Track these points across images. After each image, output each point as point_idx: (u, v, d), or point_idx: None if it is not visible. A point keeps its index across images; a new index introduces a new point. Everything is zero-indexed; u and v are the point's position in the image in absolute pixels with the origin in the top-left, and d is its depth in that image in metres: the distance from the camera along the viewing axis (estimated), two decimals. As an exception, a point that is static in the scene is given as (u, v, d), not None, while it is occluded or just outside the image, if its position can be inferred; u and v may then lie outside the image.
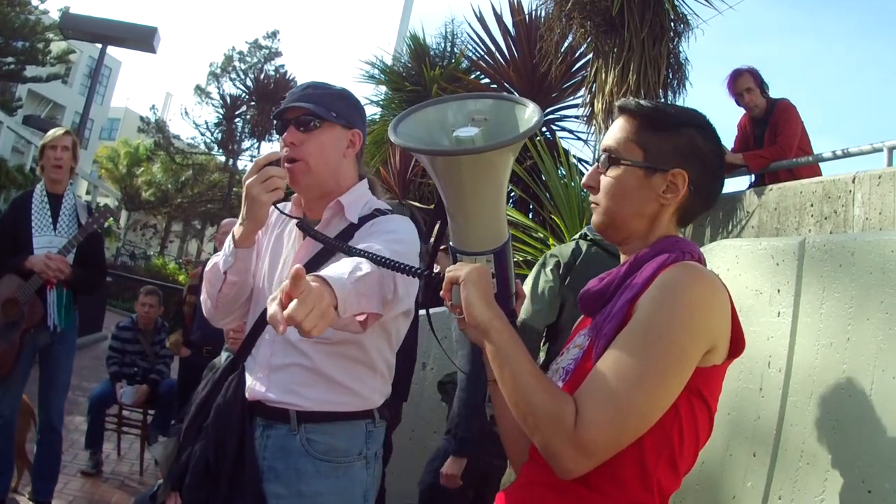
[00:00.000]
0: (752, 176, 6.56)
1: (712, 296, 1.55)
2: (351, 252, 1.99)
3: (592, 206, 1.80)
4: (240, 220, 2.27)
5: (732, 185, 6.56)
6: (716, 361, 1.58)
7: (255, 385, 2.28)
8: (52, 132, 5.01)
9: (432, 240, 1.96)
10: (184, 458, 2.39)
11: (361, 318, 1.88)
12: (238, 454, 2.25)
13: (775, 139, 6.24)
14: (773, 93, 6.50)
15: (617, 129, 1.77)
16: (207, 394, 2.42)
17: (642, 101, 1.78)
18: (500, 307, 1.70)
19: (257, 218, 2.23)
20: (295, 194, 2.45)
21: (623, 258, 1.79)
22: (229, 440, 2.27)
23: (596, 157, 1.85)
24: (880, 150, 5.84)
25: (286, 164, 2.29)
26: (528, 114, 1.68)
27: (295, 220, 2.28)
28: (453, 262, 1.76)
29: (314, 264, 2.21)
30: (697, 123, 1.75)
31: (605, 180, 1.75)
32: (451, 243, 1.78)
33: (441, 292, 1.76)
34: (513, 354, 1.57)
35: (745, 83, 6.40)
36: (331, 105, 2.35)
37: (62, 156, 4.85)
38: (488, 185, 1.65)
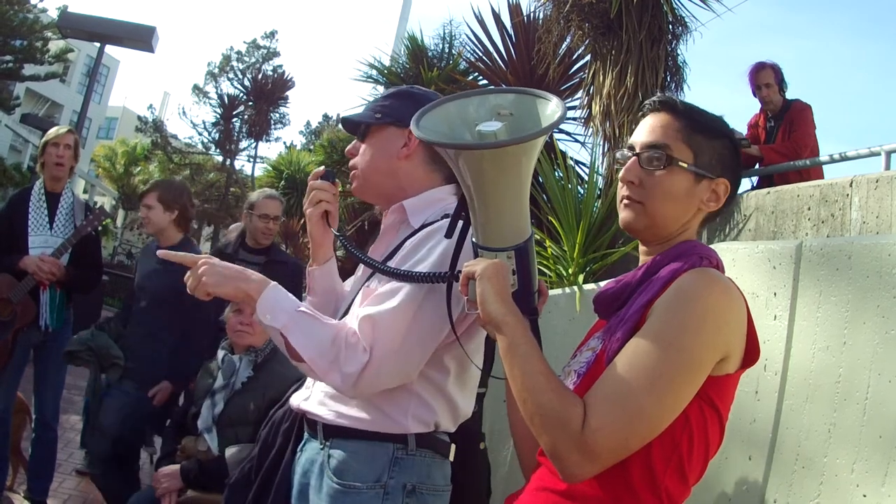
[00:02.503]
0: (756, 179, 6.62)
1: (728, 303, 1.54)
2: (374, 268, 2.01)
3: (625, 202, 1.75)
4: None
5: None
6: (729, 370, 1.57)
7: (299, 395, 2.22)
8: (54, 130, 5.04)
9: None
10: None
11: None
12: (274, 465, 2.23)
13: (790, 137, 6.31)
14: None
15: (664, 126, 1.73)
16: (282, 402, 2.42)
17: (682, 100, 1.77)
18: (521, 304, 1.70)
19: (311, 234, 2.23)
20: None
21: (642, 259, 1.78)
22: (269, 450, 2.26)
23: (625, 151, 1.78)
24: (878, 153, 5.85)
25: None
26: (551, 109, 1.67)
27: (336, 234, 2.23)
28: (475, 258, 1.76)
29: (366, 275, 2.18)
30: (731, 134, 1.76)
31: (655, 180, 1.70)
32: (473, 239, 1.78)
33: (458, 287, 1.76)
34: (524, 352, 1.56)
35: (765, 77, 6.54)
36: (377, 107, 2.25)
37: (64, 154, 4.90)
38: (510, 180, 1.65)
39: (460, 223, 1.89)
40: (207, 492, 3.54)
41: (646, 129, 1.75)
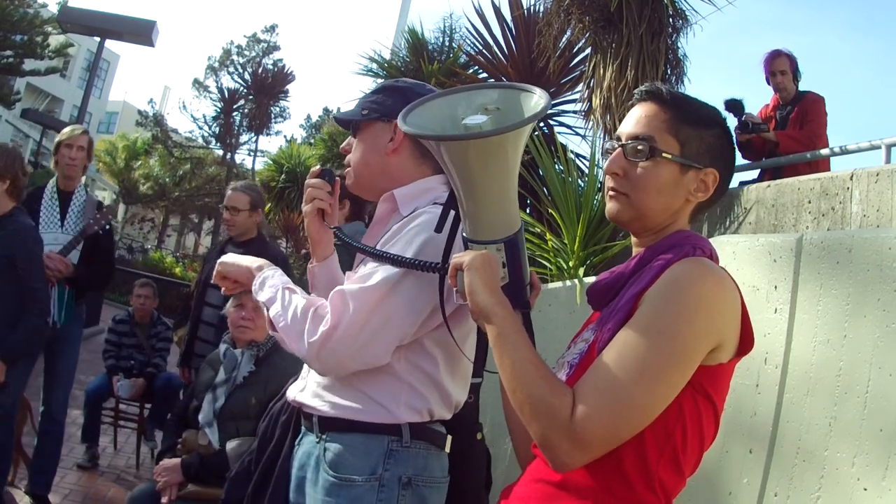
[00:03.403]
0: (759, 172, 6.64)
1: (720, 292, 1.53)
2: (366, 252, 2.04)
3: (610, 193, 1.74)
4: None
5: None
6: (722, 360, 1.56)
7: (295, 386, 2.23)
8: (69, 130, 5.11)
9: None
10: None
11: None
12: (273, 458, 2.24)
13: (803, 127, 6.35)
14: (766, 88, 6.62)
15: (650, 117, 1.71)
16: (281, 395, 2.42)
17: (670, 89, 1.74)
18: (513, 297, 1.71)
19: (308, 231, 2.27)
20: None
21: (635, 250, 1.77)
22: (268, 443, 2.27)
23: (612, 142, 1.76)
24: (878, 147, 5.86)
25: None
26: (535, 101, 1.68)
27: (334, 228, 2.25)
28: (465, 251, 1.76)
29: (358, 262, 2.21)
30: (723, 123, 1.74)
31: (639, 171, 1.69)
32: (463, 233, 1.79)
33: (448, 279, 1.77)
34: (513, 342, 1.56)
35: (781, 65, 6.58)
36: (364, 104, 2.26)
37: (77, 156, 5.01)
38: (496, 171, 1.65)
39: (451, 217, 1.90)
40: (208, 486, 3.55)
41: (632, 120, 1.74)
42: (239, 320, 3.83)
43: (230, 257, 2.33)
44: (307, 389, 2.14)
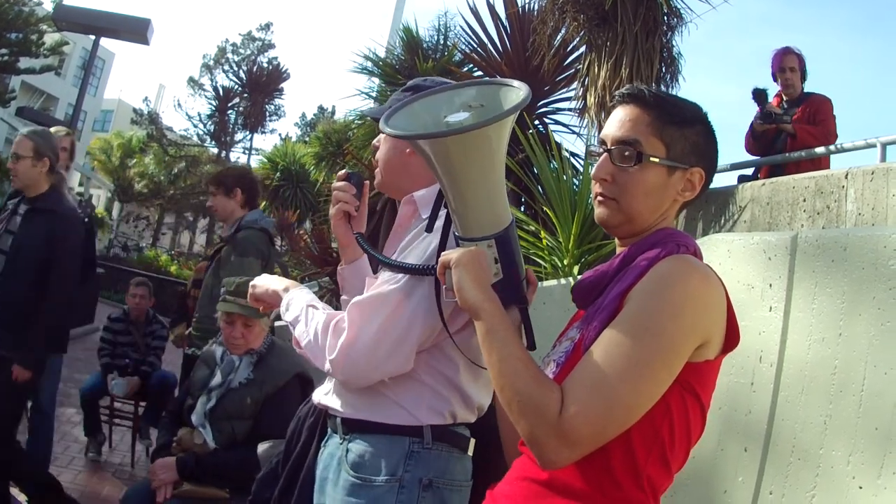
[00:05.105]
0: (754, 168, 6.66)
1: (706, 289, 1.53)
2: (383, 262, 2.02)
3: (599, 199, 1.74)
4: None
5: (725, 179, 6.63)
6: (709, 356, 1.56)
7: (321, 389, 2.22)
8: (52, 130, 5.13)
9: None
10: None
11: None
12: (299, 460, 2.23)
13: (816, 125, 6.40)
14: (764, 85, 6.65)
15: (634, 120, 1.71)
16: (309, 398, 2.41)
17: (653, 90, 1.73)
18: (510, 293, 1.72)
19: (335, 234, 2.28)
20: None
21: (619, 250, 1.77)
22: (295, 446, 2.27)
23: (597, 145, 1.76)
24: (874, 145, 5.87)
25: None
26: (515, 93, 1.68)
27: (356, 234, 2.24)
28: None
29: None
30: (704, 119, 1.74)
31: (628, 177, 1.69)
32: (454, 232, 1.79)
33: (437, 275, 1.77)
34: (502, 338, 1.56)
35: (791, 62, 6.65)
36: (391, 102, 2.23)
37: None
38: (479, 167, 1.65)
39: (442, 218, 1.90)
40: (203, 484, 3.55)
41: (616, 123, 1.73)
42: (231, 339, 3.83)
43: (262, 280, 2.35)
44: (332, 392, 2.13)
